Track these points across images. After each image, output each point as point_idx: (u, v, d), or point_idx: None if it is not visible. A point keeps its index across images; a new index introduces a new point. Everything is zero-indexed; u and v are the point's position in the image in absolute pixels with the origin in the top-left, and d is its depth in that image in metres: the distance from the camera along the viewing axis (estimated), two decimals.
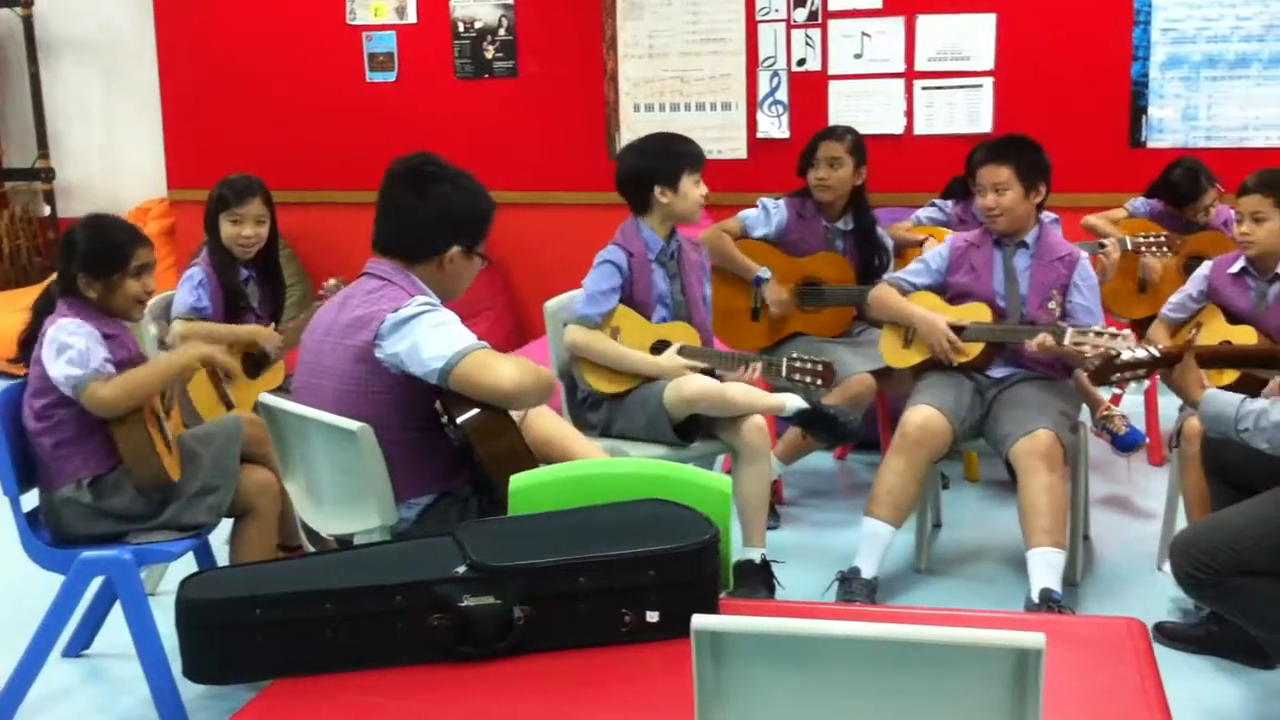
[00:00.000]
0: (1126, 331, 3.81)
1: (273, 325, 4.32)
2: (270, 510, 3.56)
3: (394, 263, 3.04)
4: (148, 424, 3.32)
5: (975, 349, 4.07)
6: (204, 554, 3.76)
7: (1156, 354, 3.20)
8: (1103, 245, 4.77)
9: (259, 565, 2.66)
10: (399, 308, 2.90)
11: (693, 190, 4.03)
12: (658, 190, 4.00)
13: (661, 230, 4.07)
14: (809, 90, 6.55)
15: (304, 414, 3.02)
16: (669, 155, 4.05)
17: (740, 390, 3.91)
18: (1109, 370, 3.20)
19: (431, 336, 2.87)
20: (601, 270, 4.01)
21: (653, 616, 2.20)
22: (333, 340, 2.99)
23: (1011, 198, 4.03)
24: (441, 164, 3.11)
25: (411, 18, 7.07)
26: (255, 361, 4.25)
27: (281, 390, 3.94)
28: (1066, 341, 3.82)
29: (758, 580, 3.88)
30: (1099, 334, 3.78)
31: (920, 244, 4.89)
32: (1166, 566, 3.60)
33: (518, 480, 2.56)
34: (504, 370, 2.88)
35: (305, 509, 3.23)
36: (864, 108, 6.45)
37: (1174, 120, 6.14)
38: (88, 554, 3.31)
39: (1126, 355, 3.18)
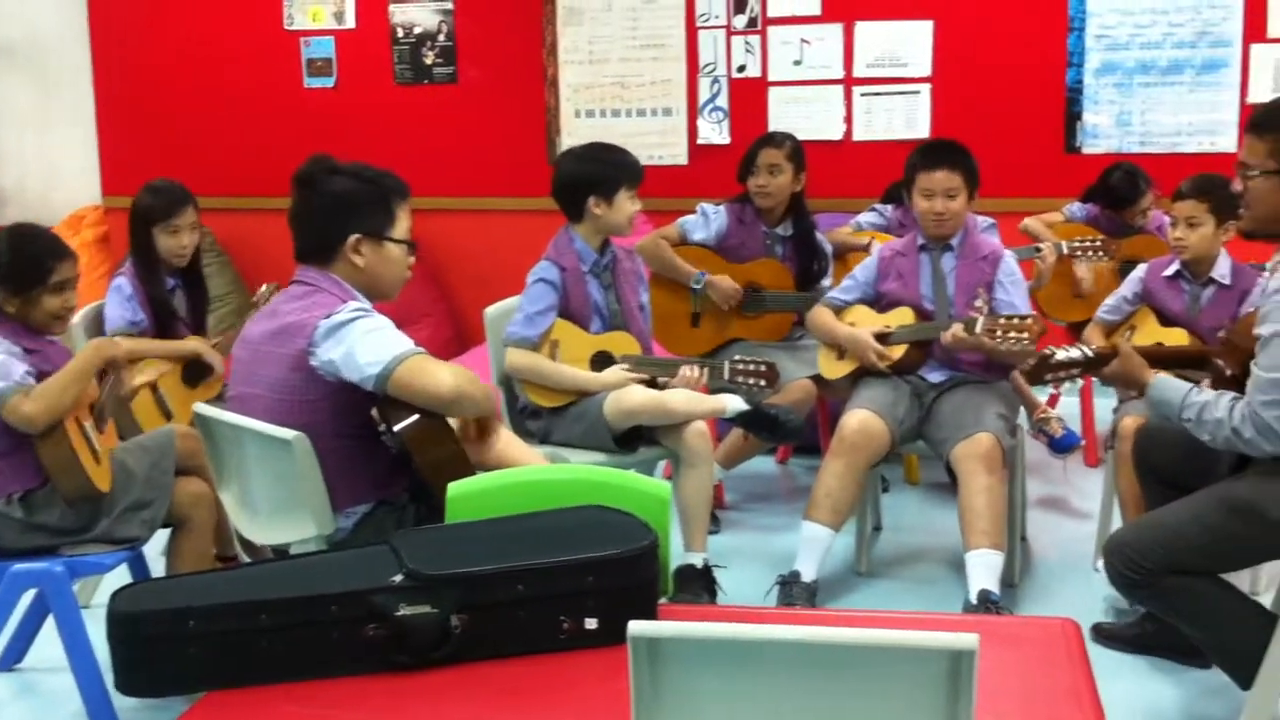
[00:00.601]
0: (1035, 315, 3.84)
1: (205, 335, 4.27)
2: (205, 521, 3.52)
3: (315, 268, 3.01)
4: (71, 436, 3.27)
5: (899, 351, 4.10)
6: (138, 566, 3.70)
7: (1090, 353, 3.24)
8: (1038, 250, 4.82)
9: (192, 576, 2.62)
10: (331, 314, 2.87)
11: (627, 205, 4.02)
12: (592, 201, 3.99)
13: (594, 241, 4.06)
14: (749, 96, 6.57)
15: (238, 423, 2.98)
16: (609, 167, 4.04)
17: (681, 398, 3.91)
18: (1043, 369, 3.22)
19: (367, 342, 2.84)
20: (535, 290, 3.99)
21: (591, 623, 2.19)
22: (266, 349, 2.96)
23: (961, 203, 4.07)
24: (334, 162, 3.07)
25: (350, 23, 7.03)
26: (194, 372, 4.21)
27: (219, 400, 3.90)
28: (978, 330, 3.85)
29: (699, 585, 3.88)
30: (1008, 319, 3.81)
31: (865, 247, 4.92)
32: (1101, 565, 3.64)
33: (455, 488, 2.54)
34: (442, 375, 2.86)
35: (240, 519, 3.19)
36: (803, 114, 6.49)
37: (1108, 126, 6.22)
38: (19, 566, 3.26)
39: (1061, 355, 3.21)
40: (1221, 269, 4.06)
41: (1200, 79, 6.10)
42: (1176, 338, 4.03)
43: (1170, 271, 4.13)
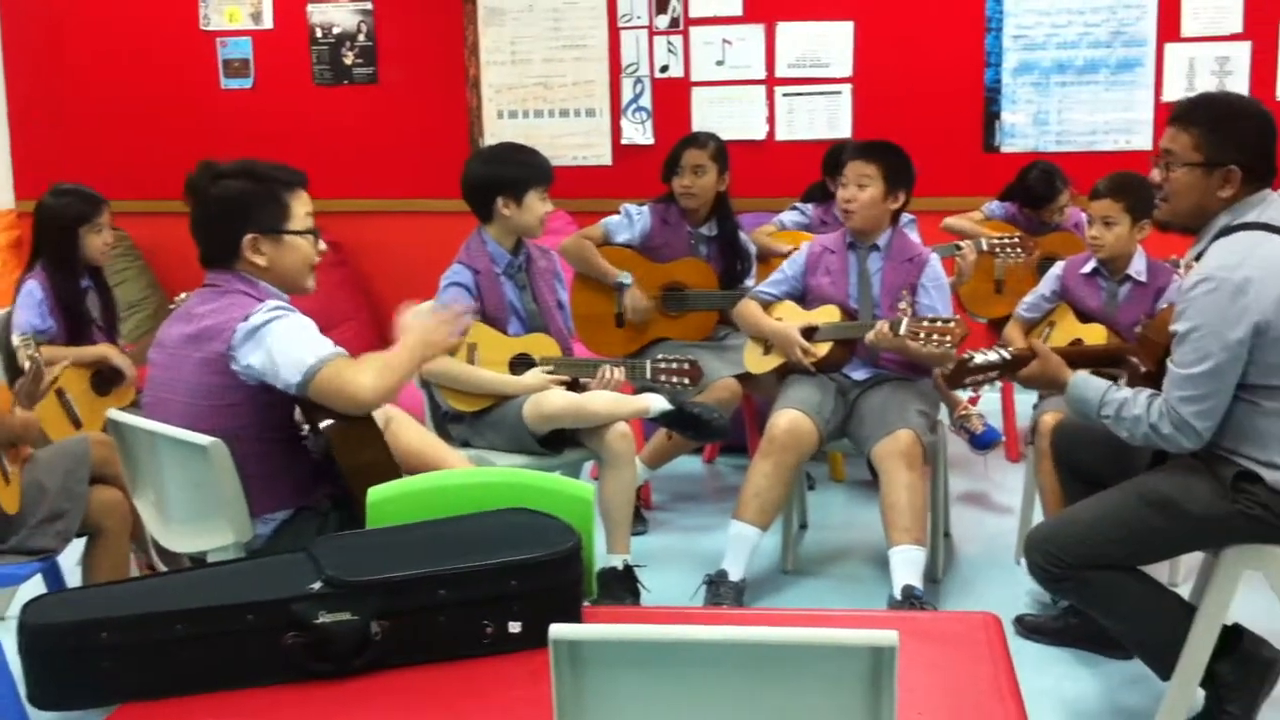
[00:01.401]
0: (958, 317, 3.88)
1: (118, 339, 4.21)
2: (119, 530, 3.46)
3: (222, 271, 2.97)
4: None
5: (824, 348, 4.12)
6: (53, 576, 3.62)
7: (1008, 356, 3.26)
8: (959, 248, 4.86)
9: (105, 586, 2.57)
10: (249, 314, 2.83)
11: (538, 206, 4.00)
12: (500, 202, 3.97)
13: (506, 242, 4.04)
14: (672, 96, 6.58)
15: (154, 429, 2.93)
16: (517, 167, 4.01)
17: (601, 400, 3.89)
18: (962, 374, 3.24)
19: (286, 348, 2.80)
20: (448, 294, 3.96)
21: (515, 627, 2.17)
22: (184, 352, 2.91)
23: (870, 195, 4.07)
24: (220, 166, 3.03)
25: (267, 23, 6.94)
26: (105, 379, 4.13)
27: (133, 408, 3.84)
28: (902, 331, 3.87)
29: (622, 587, 3.87)
30: (932, 321, 3.84)
31: (785, 254, 4.93)
32: (1023, 560, 3.67)
33: (376, 492, 2.51)
34: (363, 380, 2.82)
35: (156, 527, 3.14)
36: (727, 113, 6.50)
37: (1026, 125, 6.29)
38: None
39: (979, 359, 3.23)
40: (1137, 266, 4.12)
41: (1116, 78, 6.20)
42: (1095, 334, 4.08)
43: (1087, 269, 4.18)
